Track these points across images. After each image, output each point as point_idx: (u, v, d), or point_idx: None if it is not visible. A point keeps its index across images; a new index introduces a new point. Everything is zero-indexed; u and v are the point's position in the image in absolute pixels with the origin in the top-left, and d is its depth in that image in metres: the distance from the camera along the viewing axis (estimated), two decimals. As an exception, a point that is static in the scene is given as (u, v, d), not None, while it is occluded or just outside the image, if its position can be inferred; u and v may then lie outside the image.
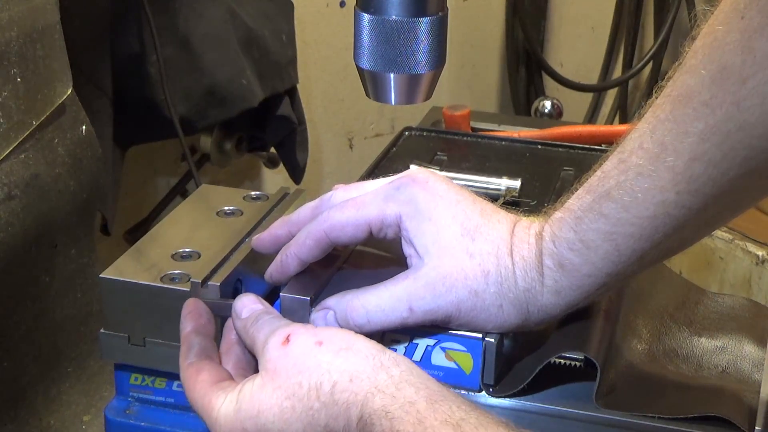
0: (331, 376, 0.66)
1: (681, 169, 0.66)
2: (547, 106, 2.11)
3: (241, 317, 0.75)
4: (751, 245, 1.46)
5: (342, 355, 0.67)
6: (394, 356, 0.67)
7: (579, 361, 0.75)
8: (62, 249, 1.15)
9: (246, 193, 0.94)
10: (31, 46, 1.04)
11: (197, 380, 0.72)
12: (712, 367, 0.81)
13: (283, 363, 0.68)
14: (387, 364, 0.66)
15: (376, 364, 0.66)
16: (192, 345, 0.74)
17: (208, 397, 0.71)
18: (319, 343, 0.68)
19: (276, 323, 0.72)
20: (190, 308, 0.76)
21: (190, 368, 0.73)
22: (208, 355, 0.74)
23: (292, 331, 0.70)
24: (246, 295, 0.77)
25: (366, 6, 0.71)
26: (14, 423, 1.10)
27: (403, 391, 0.64)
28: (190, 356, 0.74)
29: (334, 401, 0.65)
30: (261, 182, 2.09)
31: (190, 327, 0.75)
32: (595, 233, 0.71)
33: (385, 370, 0.66)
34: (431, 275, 0.73)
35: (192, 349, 0.74)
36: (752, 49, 0.61)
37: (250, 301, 0.76)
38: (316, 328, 0.71)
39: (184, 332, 0.75)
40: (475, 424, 0.61)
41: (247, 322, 0.74)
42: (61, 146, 1.12)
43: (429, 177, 0.77)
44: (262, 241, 0.82)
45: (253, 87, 1.57)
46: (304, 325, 0.72)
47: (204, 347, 0.74)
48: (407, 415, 0.62)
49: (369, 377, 0.65)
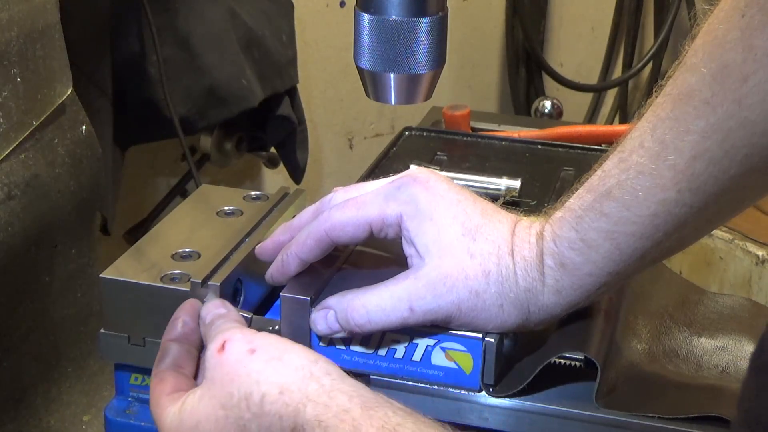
0: (260, 387, 0.66)
1: (682, 167, 0.66)
2: (547, 106, 2.11)
3: (205, 323, 0.74)
4: (751, 245, 1.46)
5: (273, 365, 0.66)
6: (326, 366, 0.66)
7: (579, 361, 0.75)
8: (62, 249, 1.15)
9: (246, 193, 0.94)
10: (31, 46, 1.04)
11: (155, 390, 0.72)
12: (712, 367, 0.81)
13: (219, 371, 0.68)
14: (317, 374, 0.65)
15: (306, 375, 0.65)
16: (166, 353, 0.74)
17: (159, 408, 0.71)
18: (251, 351, 0.68)
19: (221, 327, 0.72)
20: (180, 313, 0.76)
21: (155, 378, 0.73)
22: (178, 365, 0.73)
23: (228, 338, 0.69)
24: (212, 301, 0.76)
25: (366, 6, 0.71)
26: (14, 423, 1.10)
27: (336, 399, 0.64)
28: (160, 364, 0.73)
29: (264, 412, 0.65)
30: (261, 182, 2.09)
31: (172, 335, 0.75)
32: (596, 232, 0.70)
33: (316, 380, 0.65)
34: (432, 275, 0.73)
35: (164, 359, 0.74)
36: (753, 47, 0.61)
37: (213, 306, 0.75)
38: (254, 334, 0.70)
39: (165, 338, 0.75)
40: (412, 429, 0.61)
41: (206, 327, 0.74)
42: (61, 146, 1.12)
43: (430, 177, 0.77)
44: (265, 248, 0.82)
45: (253, 87, 1.57)
46: (241, 329, 0.71)
47: (176, 357, 0.74)
48: (342, 423, 0.62)
49: (299, 389, 0.65)
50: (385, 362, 0.76)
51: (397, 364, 0.76)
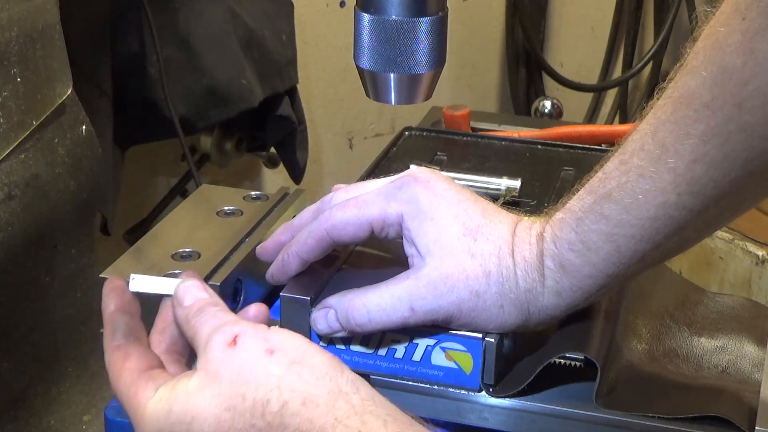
0: (281, 394, 0.60)
1: (682, 170, 0.66)
2: (547, 106, 2.11)
3: (183, 304, 0.67)
4: (751, 245, 1.46)
5: (295, 370, 0.61)
6: (353, 378, 0.61)
7: (579, 362, 0.75)
8: (62, 249, 1.15)
9: (246, 193, 0.94)
10: (31, 46, 1.04)
11: (124, 367, 0.65)
12: (712, 367, 0.81)
13: (227, 367, 0.61)
14: (346, 389, 0.60)
15: (333, 389, 0.60)
16: (117, 326, 0.67)
17: (134, 388, 0.64)
18: (270, 351, 0.61)
19: (223, 318, 0.65)
20: (111, 286, 0.70)
21: (116, 352, 0.66)
22: (136, 336, 0.68)
23: (241, 332, 0.63)
24: (189, 280, 0.69)
25: (366, 6, 0.71)
26: (14, 423, 1.10)
27: (369, 424, 0.58)
28: (116, 338, 0.67)
29: (283, 424, 0.59)
30: (261, 182, 2.09)
31: (113, 305, 0.69)
32: (596, 234, 0.71)
33: (344, 396, 0.60)
34: (433, 275, 0.73)
35: (117, 330, 0.67)
36: (753, 50, 0.61)
37: (194, 287, 0.68)
38: (268, 331, 0.64)
39: (107, 312, 0.69)
40: None
41: (189, 310, 0.66)
42: (61, 146, 1.12)
43: (431, 176, 0.77)
44: (266, 249, 0.81)
45: (253, 87, 1.57)
46: (254, 325, 0.64)
47: (131, 328, 0.68)
48: None
49: (326, 403, 0.59)
50: (385, 362, 0.76)
51: (397, 364, 0.76)
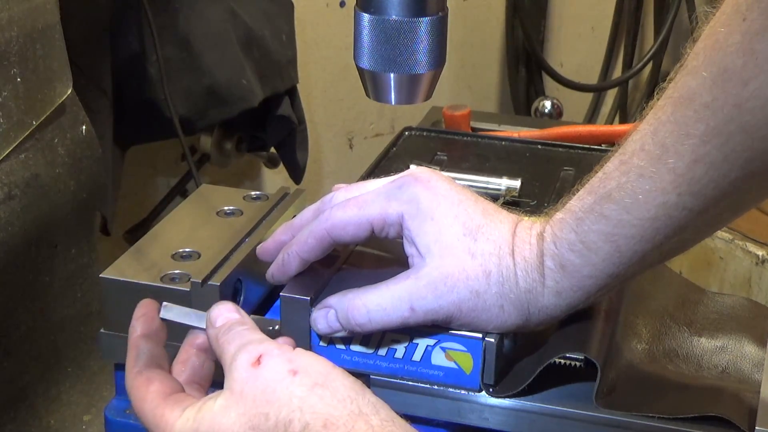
0: (303, 415, 0.61)
1: (682, 170, 0.66)
2: (547, 106, 2.11)
3: (215, 325, 0.70)
4: (751, 245, 1.46)
5: (317, 392, 0.62)
6: (374, 400, 0.63)
7: (579, 362, 0.75)
8: (62, 249, 1.15)
9: (246, 193, 0.94)
10: (31, 46, 1.04)
11: (148, 391, 0.68)
12: (712, 367, 0.81)
13: (251, 387, 0.63)
14: (366, 411, 0.61)
15: (354, 411, 0.61)
16: (141, 352, 0.70)
17: (160, 410, 0.66)
18: (293, 372, 0.63)
19: (248, 337, 0.67)
20: (143, 311, 0.73)
21: (139, 377, 0.69)
22: (158, 363, 0.71)
23: (265, 352, 0.65)
24: (223, 303, 0.72)
25: (366, 6, 0.71)
26: (14, 423, 1.10)
27: None
28: (138, 364, 0.70)
29: None
30: (261, 182, 2.09)
31: (140, 330, 0.72)
32: (596, 234, 0.70)
33: (364, 418, 0.61)
34: (433, 275, 0.73)
35: (141, 356, 0.70)
36: (754, 51, 0.61)
37: (226, 310, 0.71)
38: (293, 352, 0.65)
39: (133, 335, 0.71)
40: None
41: (219, 331, 0.69)
42: (61, 146, 1.12)
43: (431, 176, 0.77)
44: (267, 248, 0.81)
45: (253, 87, 1.57)
46: (279, 345, 0.66)
47: (154, 354, 0.71)
48: None
49: (345, 425, 0.60)
50: (385, 362, 0.76)
51: (397, 364, 0.76)
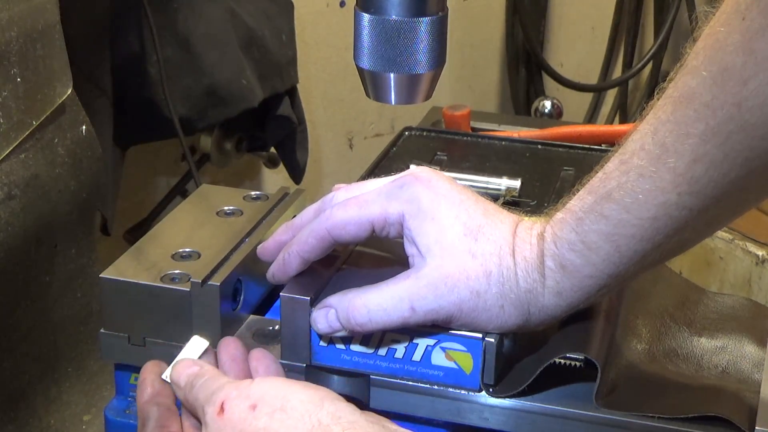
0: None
1: (682, 170, 0.66)
2: (547, 106, 2.11)
3: (180, 386, 0.73)
4: (751, 245, 1.46)
5: (277, 417, 0.65)
6: (333, 409, 0.66)
7: (579, 362, 0.75)
8: (62, 249, 1.15)
9: (246, 193, 0.94)
10: (31, 46, 1.04)
11: None
12: (712, 367, 0.81)
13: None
14: (326, 421, 0.64)
15: (314, 425, 0.64)
16: (148, 417, 0.73)
17: None
18: (252, 407, 0.66)
19: (209, 387, 0.70)
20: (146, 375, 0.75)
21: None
22: (163, 425, 0.73)
23: (225, 398, 0.68)
24: (180, 362, 0.75)
25: (366, 6, 0.71)
26: (14, 423, 1.10)
27: None
28: (146, 429, 0.73)
29: None
30: (261, 182, 2.09)
31: (146, 396, 0.74)
32: (596, 234, 0.70)
33: (324, 429, 0.64)
34: (433, 275, 0.73)
35: (148, 422, 0.73)
36: (753, 50, 0.61)
37: (184, 368, 0.74)
38: (249, 386, 0.69)
39: (140, 401, 0.74)
40: None
41: (185, 391, 0.72)
42: (61, 146, 1.12)
43: (432, 176, 0.77)
44: (267, 248, 0.81)
45: (253, 87, 1.57)
46: (237, 385, 0.69)
47: (159, 418, 0.73)
48: None
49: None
50: (385, 362, 0.76)
51: (397, 364, 0.76)
